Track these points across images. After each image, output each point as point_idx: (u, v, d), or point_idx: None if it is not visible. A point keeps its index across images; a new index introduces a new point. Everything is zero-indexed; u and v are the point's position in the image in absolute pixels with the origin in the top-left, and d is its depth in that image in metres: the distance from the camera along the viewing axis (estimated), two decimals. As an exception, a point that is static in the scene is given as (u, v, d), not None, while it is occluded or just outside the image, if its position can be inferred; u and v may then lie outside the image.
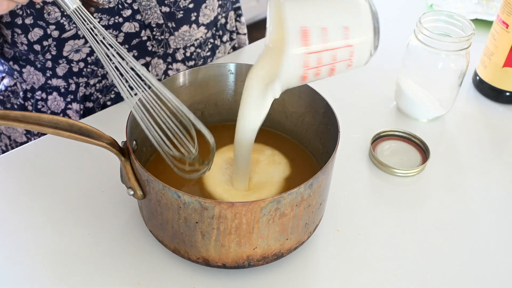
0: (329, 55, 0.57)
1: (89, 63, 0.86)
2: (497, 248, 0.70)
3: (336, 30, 0.57)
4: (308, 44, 0.56)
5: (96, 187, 0.74)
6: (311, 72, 0.58)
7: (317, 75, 0.59)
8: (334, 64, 0.58)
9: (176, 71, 0.94)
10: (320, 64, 0.58)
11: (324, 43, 0.57)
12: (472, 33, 0.80)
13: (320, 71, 0.59)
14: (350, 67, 0.59)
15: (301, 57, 0.57)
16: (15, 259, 0.66)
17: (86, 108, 0.91)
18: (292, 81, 0.60)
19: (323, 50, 0.57)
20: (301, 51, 0.57)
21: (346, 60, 0.58)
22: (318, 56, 0.57)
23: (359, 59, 0.59)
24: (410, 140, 0.83)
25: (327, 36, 0.57)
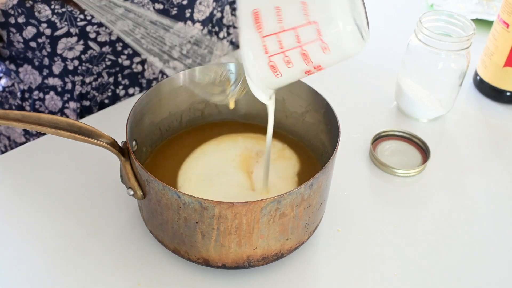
0: (290, 36, 0.51)
1: (84, 61, 0.86)
2: (498, 248, 0.70)
3: (291, 6, 0.51)
4: (261, 26, 0.51)
5: (96, 187, 0.74)
6: (278, 60, 0.53)
7: (288, 63, 0.53)
8: (302, 48, 0.52)
9: (173, 69, 0.94)
10: (283, 48, 0.52)
11: (278, 22, 0.51)
12: (472, 33, 0.80)
13: (289, 58, 0.52)
14: (327, 50, 0.52)
15: (258, 42, 0.52)
16: (15, 259, 0.66)
17: (83, 106, 0.91)
18: (262, 74, 0.55)
19: (280, 31, 0.51)
20: (254, 34, 0.52)
21: (315, 41, 0.51)
22: (276, 38, 0.52)
23: (335, 39, 0.51)
24: (410, 140, 0.83)
25: (280, 15, 0.51)
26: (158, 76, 0.93)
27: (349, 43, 0.52)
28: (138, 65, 0.91)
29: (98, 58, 0.86)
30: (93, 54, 0.86)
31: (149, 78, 0.93)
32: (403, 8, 1.16)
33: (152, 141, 0.74)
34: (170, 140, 0.76)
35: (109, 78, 0.90)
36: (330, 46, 0.52)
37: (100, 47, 0.85)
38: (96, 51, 0.85)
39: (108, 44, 0.85)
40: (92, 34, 0.83)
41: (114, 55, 0.87)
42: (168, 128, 0.76)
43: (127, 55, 0.88)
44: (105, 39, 0.85)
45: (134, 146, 0.68)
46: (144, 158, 0.72)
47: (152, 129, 0.73)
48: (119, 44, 0.86)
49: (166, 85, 0.71)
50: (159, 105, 0.72)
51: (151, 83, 0.93)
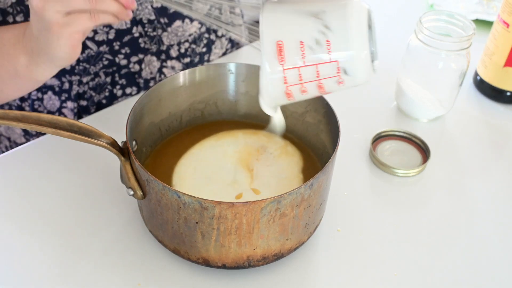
0: (311, 71, 0.53)
1: (81, 60, 0.86)
2: (498, 248, 0.70)
3: (314, 43, 0.52)
4: (284, 59, 0.53)
5: (96, 187, 0.74)
6: (295, 89, 0.55)
7: (304, 92, 0.55)
8: (320, 81, 0.54)
9: (171, 68, 0.94)
10: (302, 81, 0.54)
11: (302, 57, 0.52)
12: (472, 33, 0.80)
13: (306, 89, 0.55)
14: (342, 84, 0.54)
15: (278, 73, 0.54)
16: (15, 259, 0.66)
17: (81, 106, 0.91)
18: (276, 98, 0.56)
19: (302, 65, 0.53)
20: (276, 65, 0.53)
21: (333, 77, 0.54)
22: (297, 72, 0.53)
23: (352, 77, 0.54)
24: (410, 140, 0.83)
25: (304, 50, 0.52)
26: (156, 76, 0.93)
27: (362, 77, 0.55)
28: (135, 64, 0.90)
29: (95, 57, 0.86)
30: (90, 54, 0.85)
31: (147, 78, 0.93)
32: (403, 8, 1.16)
33: (152, 141, 0.74)
34: (170, 140, 0.76)
35: (106, 77, 0.90)
36: (346, 81, 0.54)
37: (97, 46, 0.85)
38: (93, 51, 0.85)
39: (105, 43, 0.85)
40: (90, 33, 0.83)
41: (111, 55, 0.87)
42: (168, 128, 0.76)
43: (124, 55, 0.88)
44: (103, 38, 0.85)
45: (134, 146, 0.68)
46: (144, 158, 0.72)
47: (152, 129, 0.73)
48: (116, 43, 0.86)
49: (166, 85, 0.71)
50: (159, 105, 0.72)
51: (148, 83, 0.93)
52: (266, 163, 0.72)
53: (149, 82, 0.93)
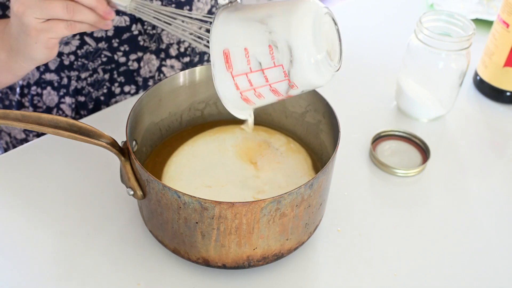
0: (259, 77, 0.54)
1: (79, 56, 0.86)
2: (498, 248, 0.70)
3: (258, 49, 0.53)
4: (231, 66, 0.54)
5: (96, 187, 0.74)
6: (250, 94, 0.56)
7: (260, 96, 0.56)
8: (271, 86, 0.55)
9: (170, 67, 0.94)
10: (253, 86, 0.55)
11: (247, 64, 0.53)
12: (472, 32, 0.80)
13: (260, 93, 0.55)
14: (296, 88, 0.54)
15: (228, 80, 0.55)
16: (15, 259, 0.66)
17: (79, 102, 0.91)
18: (236, 103, 0.58)
19: (249, 72, 0.54)
20: (223, 74, 0.55)
21: (283, 81, 0.54)
22: (245, 78, 0.54)
23: (300, 78, 0.53)
24: (410, 140, 0.83)
25: (248, 56, 0.53)
26: (155, 75, 0.93)
27: (315, 78, 0.54)
28: (134, 62, 0.91)
29: (94, 54, 0.86)
30: (89, 50, 0.86)
31: (145, 76, 0.93)
32: (403, 8, 1.16)
33: (152, 141, 0.74)
34: (170, 140, 0.76)
35: (104, 74, 0.90)
36: (297, 83, 0.54)
37: (96, 43, 0.85)
38: (92, 47, 0.85)
39: (104, 40, 0.85)
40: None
41: (110, 52, 0.87)
42: (168, 128, 0.76)
43: (123, 52, 0.88)
44: (101, 34, 0.85)
45: (134, 146, 0.68)
46: (144, 158, 0.72)
47: (152, 129, 0.73)
48: (115, 40, 0.86)
49: (166, 85, 0.71)
50: (159, 105, 0.72)
51: (147, 81, 0.93)
52: (274, 160, 0.72)
53: (148, 80, 0.93)
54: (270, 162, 0.72)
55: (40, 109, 0.92)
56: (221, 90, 0.57)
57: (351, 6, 1.16)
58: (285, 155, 0.73)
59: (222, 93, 0.57)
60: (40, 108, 0.92)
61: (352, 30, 1.08)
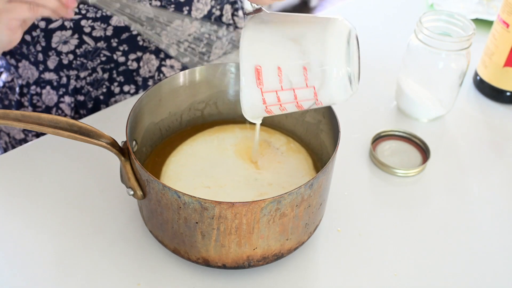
0: (289, 95, 0.55)
1: (78, 55, 0.86)
2: (498, 248, 0.70)
3: (292, 70, 0.53)
4: (262, 83, 0.54)
5: (96, 187, 0.74)
6: (274, 108, 0.57)
7: (284, 110, 0.57)
8: (297, 102, 0.56)
9: (170, 67, 0.94)
10: (280, 101, 0.56)
11: (279, 82, 0.54)
12: (472, 32, 0.80)
13: (285, 108, 0.57)
14: (320, 105, 0.56)
15: (257, 95, 0.55)
16: (15, 259, 0.66)
17: (78, 101, 0.91)
18: (257, 114, 0.59)
19: (280, 89, 0.54)
20: (253, 89, 0.55)
21: (310, 100, 0.55)
22: (275, 95, 0.55)
23: (329, 99, 0.55)
24: (410, 140, 0.83)
25: (281, 75, 0.54)
26: (154, 75, 0.93)
27: (339, 98, 0.56)
28: (134, 62, 0.91)
29: (93, 53, 0.86)
30: (88, 49, 0.86)
31: (145, 76, 0.93)
32: (403, 8, 1.16)
33: (152, 141, 0.74)
34: (170, 140, 0.76)
35: (103, 74, 0.90)
36: (323, 101, 0.56)
37: (95, 42, 0.85)
38: (91, 46, 0.85)
39: (103, 39, 0.85)
40: (87, 28, 0.83)
41: (109, 51, 0.87)
42: (168, 128, 0.76)
43: (122, 52, 0.88)
44: (100, 34, 0.85)
45: (134, 146, 0.68)
46: (144, 158, 0.72)
47: (152, 129, 0.73)
48: (114, 40, 0.86)
49: (166, 85, 0.71)
50: (159, 105, 0.72)
51: (147, 81, 0.93)
52: (275, 159, 0.72)
53: (148, 80, 0.93)
54: (271, 161, 0.72)
55: (40, 108, 0.92)
56: (246, 103, 0.57)
57: (351, 6, 1.16)
58: (286, 155, 0.73)
59: (247, 105, 0.58)
60: (40, 108, 0.92)
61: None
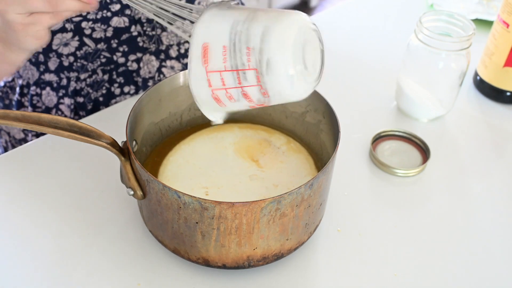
0: (231, 77, 0.53)
1: (79, 57, 0.86)
2: (498, 248, 0.70)
3: (236, 48, 0.52)
4: (207, 61, 0.53)
5: (96, 187, 0.74)
6: (221, 94, 0.55)
7: (231, 98, 0.55)
8: (242, 89, 0.54)
9: (170, 68, 0.94)
10: (225, 86, 0.54)
11: (223, 62, 0.53)
12: (472, 33, 0.80)
13: (231, 95, 0.54)
14: (266, 95, 0.53)
15: (202, 75, 0.54)
16: (15, 259, 0.66)
17: (77, 103, 0.91)
18: (207, 102, 0.57)
19: (223, 70, 0.53)
20: (200, 68, 0.54)
21: (255, 86, 0.53)
22: (219, 75, 0.54)
23: (273, 87, 0.52)
24: (410, 140, 0.83)
25: (226, 55, 0.52)
26: (155, 75, 0.93)
27: (288, 92, 0.53)
28: (134, 63, 0.91)
29: (93, 55, 0.86)
30: (88, 51, 0.86)
31: (145, 77, 0.93)
32: (403, 8, 1.16)
33: (152, 141, 0.74)
34: (170, 140, 0.76)
35: (103, 75, 0.90)
36: (269, 92, 0.53)
37: (95, 44, 0.85)
38: (91, 48, 0.86)
39: (103, 40, 0.85)
40: (87, 30, 0.83)
41: (109, 52, 0.87)
42: (168, 128, 0.76)
43: (122, 53, 0.88)
44: (100, 35, 0.85)
45: (134, 146, 0.68)
46: (144, 158, 0.72)
47: (152, 129, 0.73)
48: (114, 41, 0.86)
49: (166, 85, 0.71)
50: (159, 105, 0.72)
51: (147, 82, 0.93)
52: (277, 159, 0.72)
53: (148, 81, 0.93)
54: (273, 161, 0.72)
55: (39, 109, 0.92)
56: (194, 85, 0.56)
57: (351, 6, 1.16)
58: (287, 154, 0.73)
59: (195, 89, 0.56)
60: (39, 108, 0.92)
61: (352, 30, 1.08)
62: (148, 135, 0.72)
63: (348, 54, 1.02)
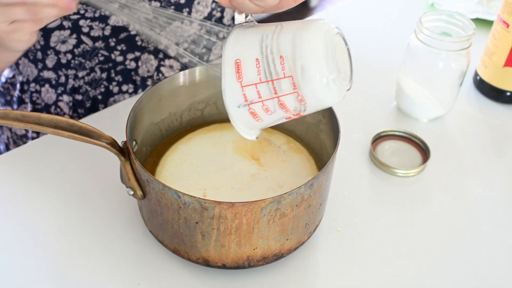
0: (267, 88, 0.54)
1: (76, 55, 0.86)
2: (498, 248, 0.70)
3: (269, 59, 0.53)
4: (241, 76, 0.54)
5: (96, 187, 0.74)
6: (258, 107, 0.55)
7: (268, 111, 0.56)
8: (279, 98, 0.54)
9: (169, 67, 0.94)
10: (261, 98, 0.55)
11: (257, 74, 0.53)
12: (472, 32, 0.80)
13: (267, 107, 0.55)
14: (303, 102, 0.54)
15: (237, 91, 0.55)
16: (15, 259, 0.66)
17: (76, 100, 0.92)
18: (244, 119, 0.57)
19: (258, 82, 0.54)
20: (235, 83, 0.55)
21: (292, 93, 0.54)
22: (254, 88, 0.54)
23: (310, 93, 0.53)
24: (410, 140, 0.83)
25: (259, 67, 0.53)
26: (153, 74, 0.93)
27: (324, 96, 0.54)
28: (132, 61, 0.91)
29: (91, 53, 0.87)
30: (86, 49, 0.86)
31: (144, 76, 0.93)
32: (403, 8, 1.16)
33: (152, 141, 0.74)
34: (170, 140, 0.76)
35: (101, 73, 0.90)
36: (306, 98, 0.54)
37: (93, 42, 0.86)
38: (89, 46, 0.86)
39: (101, 39, 0.86)
40: (85, 28, 0.83)
41: (107, 51, 0.88)
42: (168, 128, 0.76)
43: (120, 51, 0.88)
44: (98, 34, 0.85)
45: (134, 146, 0.68)
46: (144, 158, 0.72)
47: (152, 129, 0.73)
48: (112, 39, 0.86)
49: (166, 85, 0.71)
50: (159, 105, 0.72)
51: (145, 81, 0.93)
52: (278, 158, 0.72)
53: (147, 80, 0.93)
54: (274, 160, 0.72)
55: (39, 105, 0.92)
56: (230, 103, 0.56)
57: (351, 6, 1.16)
58: (288, 154, 0.73)
59: (231, 106, 0.57)
60: (39, 105, 0.92)
61: (352, 30, 1.08)
62: (148, 135, 0.72)
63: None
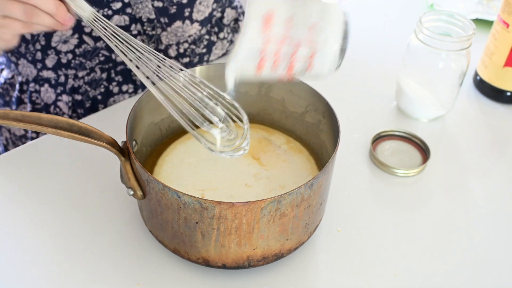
0: (289, 48, 0.56)
1: (77, 54, 0.86)
2: (498, 248, 0.70)
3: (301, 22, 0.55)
4: (269, 27, 0.54)
5: (96, 187, 0.74)
6: (268, 63, 0.56)
7: (274, 67, 0.57)
8: (293, 61, 0.56)
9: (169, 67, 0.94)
10: (278, 55, 0.56)
11: (286, 30, 0.55)
12: (472, 32, 0.80)
13: (278, 63, 0.56)
14: (309, 70, 0.57)
15: (258, 39, 0.55)
16: (15, 259, 0.66)
17: (75, 100, 0.92)
18: (246, 67, 0.57)
19: (283, 39, 0.55)
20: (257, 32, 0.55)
21: (306, 60, 0.57)
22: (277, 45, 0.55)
23: (319, 64, 0.57)
24: (410, 140, 0.83)
25: (291, 25, 0.55)
26: None
27: (326, 70, 0.58)
28: None
29: (91, 53, 0.87)
30: (87, 49, 0.86)
31: None
32: (403, 8, 1.16)
33: (152, 141, 0.74)
34: (170, 140, 0.76)
35: (101, 73, 0.90)
36: (314, 66, 0.57)
37: (94, 42, 0.85)
38: (90, 46, 0.86)
39: (102, 39, 0.86)
40: (87, 28, 0.83)
41: (108, 51, 0.88)
42: (168, 128, 0.76)
43: None
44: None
45: (134, 146, 0.68)
46: (144, 158, 0.72)
47: (152, 129, 0.73)
48: None
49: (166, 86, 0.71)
50: (159, 105, 0.72)
51: None
52: (279, 158, 0.72)
53: None
54: (275, 159, 0.72)
55: (38, 105, 0.92)
56: (244, 47, 0.56)
57: (351, 6, 1.16)
58: (289, 154, 0.73)
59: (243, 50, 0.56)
60: (38, 105, 0.92)
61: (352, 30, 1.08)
62: (148, 135, 0.72)
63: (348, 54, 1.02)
